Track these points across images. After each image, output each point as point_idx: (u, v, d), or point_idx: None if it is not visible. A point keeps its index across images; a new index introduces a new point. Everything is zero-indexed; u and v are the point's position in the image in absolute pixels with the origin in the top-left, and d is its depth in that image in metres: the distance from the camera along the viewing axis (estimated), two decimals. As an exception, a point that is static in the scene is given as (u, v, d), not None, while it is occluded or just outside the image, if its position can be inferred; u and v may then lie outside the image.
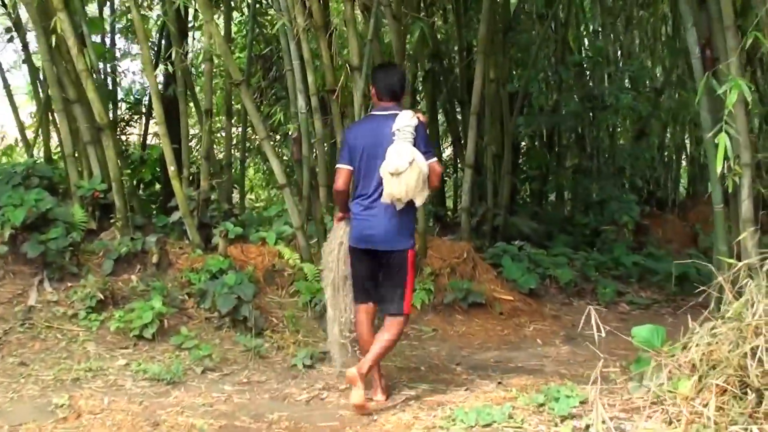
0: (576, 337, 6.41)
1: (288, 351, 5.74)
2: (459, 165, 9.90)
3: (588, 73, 9.63)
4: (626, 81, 9.43)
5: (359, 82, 6.37)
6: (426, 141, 4.83)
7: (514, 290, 7.18)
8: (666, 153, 11.39)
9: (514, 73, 9.08)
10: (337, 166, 5.00)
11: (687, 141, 11.06)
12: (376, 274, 4.96)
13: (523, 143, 9.60)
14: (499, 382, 5.12)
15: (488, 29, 7.70)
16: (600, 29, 9.71)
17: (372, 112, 5.10)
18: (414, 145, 4.72)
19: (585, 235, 9.37)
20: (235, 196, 8.80)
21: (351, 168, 4.92)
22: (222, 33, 7.30)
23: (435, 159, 4.86)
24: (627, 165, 10.36)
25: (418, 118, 4.84)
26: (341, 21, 7.05)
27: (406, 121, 4.72)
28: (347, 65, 6.65)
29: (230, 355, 5.59)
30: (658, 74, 10.11)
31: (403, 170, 4.62)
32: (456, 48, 9.47)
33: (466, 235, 7.43)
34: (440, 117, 10.13)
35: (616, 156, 10.47)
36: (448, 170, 10.25)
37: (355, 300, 5.03)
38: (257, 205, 11.79)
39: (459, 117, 9.67)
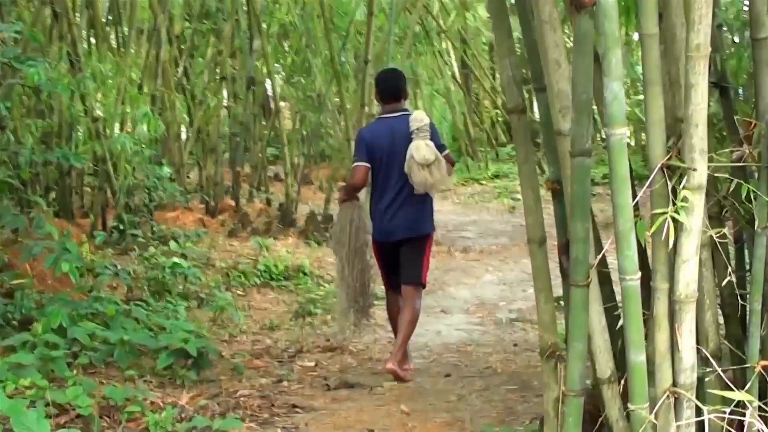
0: None
1: None
2: None
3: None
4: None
5: None
6: (438, 136, 5.49)
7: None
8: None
9: None
10: (357, 164, 5.51)
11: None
12: (398, 258, 5.54)
13: None
14: None
15: None
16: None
17: (382, 116, 5.64)
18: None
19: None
20: None
21: (369, 165, 5.45)
22: None
23: (448, 151, 5.58)
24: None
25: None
26: None
27: (422, 120, 5.36)
28: None
29: None
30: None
31: (432, 161, 5.24)
32: None
33: None
34: None
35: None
36: None
37: (388, 286, 5.71)
38: None
39: None
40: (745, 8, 4.33)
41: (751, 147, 3.05)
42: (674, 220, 2.71)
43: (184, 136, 12.22)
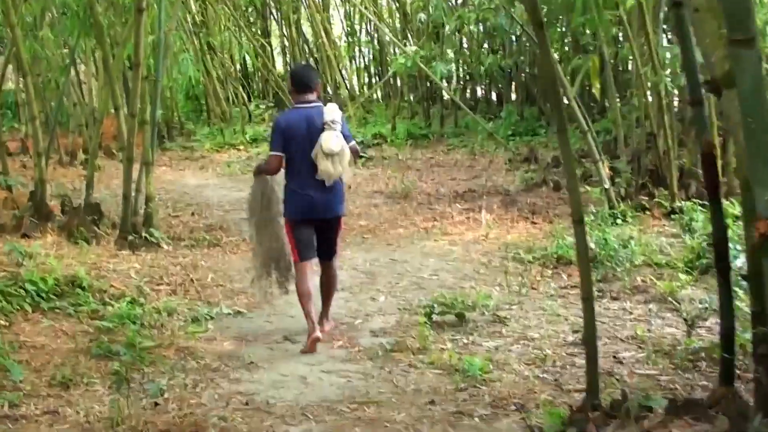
0: None
1: None
2: None
3: None
4: None
5: None
6: (347, 128, 6.06)
7: None
8: None
9: None
10: (272, 153, 5.98)
11: None
12: (313, 235, 6.04)
13: None
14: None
15: None
16: None
17: (297, 105, 6.03)
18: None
19: None
20: None
21: (283, 154, 5.92)
22: None
23: (354, 142, 6.10)
24: None
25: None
26: None
27: (334, 113, 5.85)
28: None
29: None
30: None
31: (337, 152, 5.78)
32: None
33: None
34: None
35: None
36: None
37: (301, 258, 5.98)
38: None
39: None
40: None
41: None
42: None
43: None
